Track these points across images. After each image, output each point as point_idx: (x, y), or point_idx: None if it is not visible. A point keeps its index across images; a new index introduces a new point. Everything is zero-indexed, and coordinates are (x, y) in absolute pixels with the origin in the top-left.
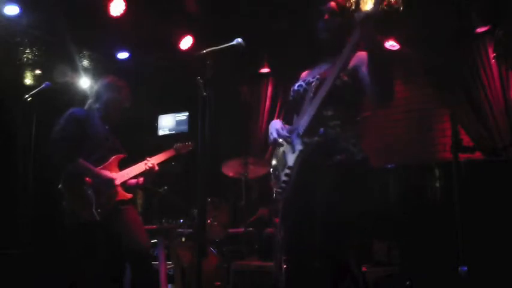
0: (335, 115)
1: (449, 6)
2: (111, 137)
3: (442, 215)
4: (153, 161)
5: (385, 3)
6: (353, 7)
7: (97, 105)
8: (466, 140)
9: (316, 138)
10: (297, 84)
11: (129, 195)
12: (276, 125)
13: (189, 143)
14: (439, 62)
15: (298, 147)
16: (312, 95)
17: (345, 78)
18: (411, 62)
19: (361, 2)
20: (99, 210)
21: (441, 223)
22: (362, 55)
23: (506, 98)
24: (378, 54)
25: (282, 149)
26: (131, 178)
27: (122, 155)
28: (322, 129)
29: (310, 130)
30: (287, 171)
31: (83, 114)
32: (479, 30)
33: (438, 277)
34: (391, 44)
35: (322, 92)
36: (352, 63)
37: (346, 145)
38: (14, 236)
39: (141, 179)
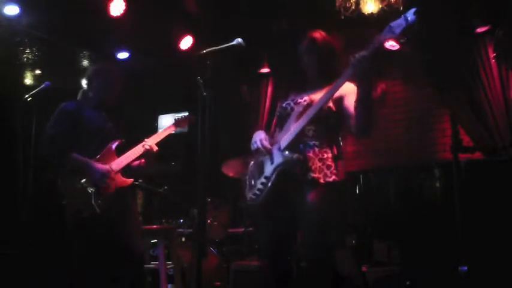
0: (315, 135)
1: (449, 6)
2: (107, 125)
3: (442, 215)
4: (150, 142)
5: (384, 3)
6: (353, 7)
7: (89, 94)
8: (466, 140)
9: (296, 155)
10: (285, 102)
11: (129, 181)
12: (260, 135)
13: (190, 116)
14: (439, 62)
15: (278, 159)
16: (298, 114)
17: (330, 104)
18: (411, 62)
19: (361, 2)
20: (99, 202)
21: (441, 223)
22: (349, 86)
23: (506, 98)
24: (368, 94)
25: (261, 158)
26: (132, 161)
27: (118, 141)
28: (301, 145)
29: (292, 146)
30: (263, 180)
31: (73, 107)
32: (479, 30)
33: (438, 277)
34: (391, 44)
35: (309, 114)
36: (339, 91)
37: (321, 165)
38: (14, 236)
39: (143, 160)
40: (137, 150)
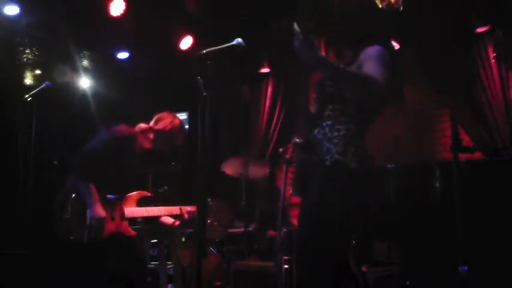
0: (331, 115)
1: (449, 6)
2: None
3: (442, 215)
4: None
5: (384, 3)
6: None
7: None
8: (466, 140)
9: (294, 139)
10: None
11: (132, 233)
12: None
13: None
14: (439, 62)
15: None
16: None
17: None
18: (411, 62)
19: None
20: (92, 233)
21: (441, 223)
22: (369, 50)
23: (506, 98)
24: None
25: None
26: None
27: (146, 194)
28: (316, 130)
29: (307, 130)
30: None
31: (127, 134)
32: (479, 30)
33: (438, 277)
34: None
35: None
36: (360, 59)
37: (329, 146)
38: (14, 236)
39: (176, 222)
40: (152, 211)
